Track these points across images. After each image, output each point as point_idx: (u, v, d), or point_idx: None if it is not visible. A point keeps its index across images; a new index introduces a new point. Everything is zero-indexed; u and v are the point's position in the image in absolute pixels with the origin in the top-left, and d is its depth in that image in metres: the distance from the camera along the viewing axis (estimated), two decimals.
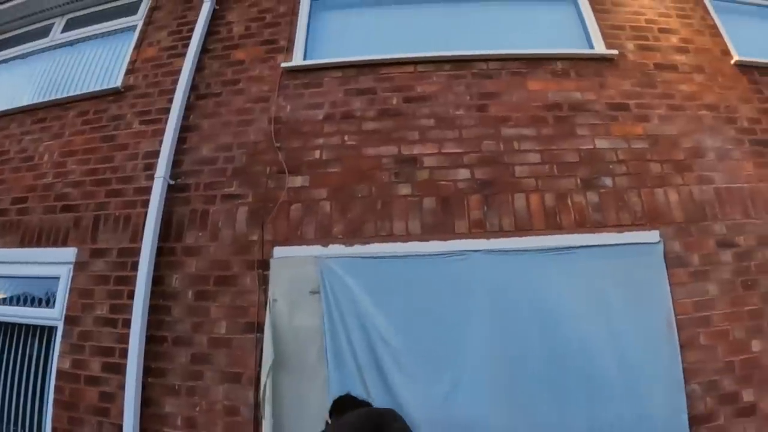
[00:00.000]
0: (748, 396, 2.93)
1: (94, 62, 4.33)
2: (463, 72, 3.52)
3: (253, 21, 3.97)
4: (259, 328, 2.92)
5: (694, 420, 2.82)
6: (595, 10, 3.87)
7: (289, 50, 3.77)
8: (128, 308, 3.03)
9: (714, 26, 4.03)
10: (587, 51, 3.67)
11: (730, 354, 2.97)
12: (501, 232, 3.08)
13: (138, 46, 4.12)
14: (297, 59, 3.70)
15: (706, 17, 4.08)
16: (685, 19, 4.01)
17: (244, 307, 3.02)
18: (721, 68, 3.82)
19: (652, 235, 3.14)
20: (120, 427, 2.82)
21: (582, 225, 3.13)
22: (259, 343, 2.89)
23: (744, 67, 3.86)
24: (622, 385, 2.83)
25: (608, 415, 2.78)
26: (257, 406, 2.79)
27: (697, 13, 4.08)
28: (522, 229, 3.10)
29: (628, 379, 2.84)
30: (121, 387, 2.89)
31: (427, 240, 3.06)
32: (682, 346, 2.95)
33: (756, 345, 3.02)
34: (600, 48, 3.67)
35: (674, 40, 3.86)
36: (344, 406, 2.48)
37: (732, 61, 3.85)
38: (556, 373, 2.85)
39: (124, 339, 2.97)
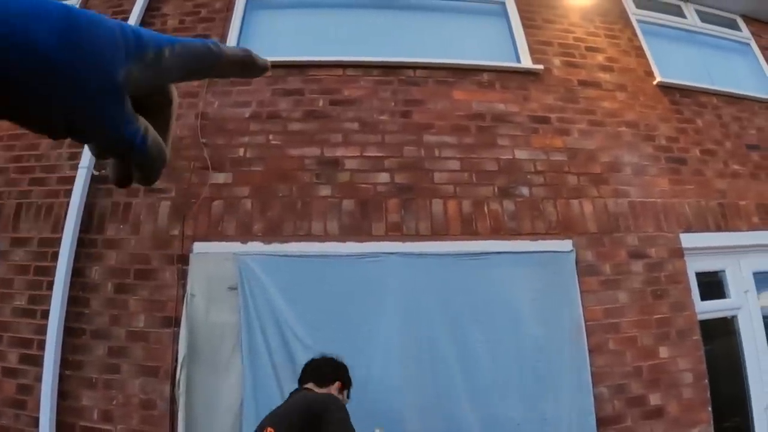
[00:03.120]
0: (655, 400, 3.13)
1: None
2: (391, 78, 3.66)
3: (188, 15, 4.02)
4: (177, 322, 2.96)
5: (602, 421, 3.00)
6: (525, 26, 4.09)
7: None
8: (47, 299, 3.02)
9: (640, 48, 4.31)
10: (514, 64, 3.87)
11: (639, 359, 3.17)
12: (417, 236, 3.21)
13: None
14: None
15: (633, 39, 4.35)
16: (612, 39, 4.27)
17: (163, 301, 3.05)
18: (644, 88, 4.07)
19: (565, 244, 3.32)
20: (36, 420, 2.80)
21: (497, 232, 3.29)
22: (177, 337, 2.92)
23: (666, 88, 4.13)
24: (531, 387, 2.99)
25: (516, 416, 2.92)
26: (173, 400, 2.83)
27: (625, 34, 4.35)
28: (438, 233, 3.23)
29: (536, 381, 3.00)
30: (39, 379, 2.87)
31: (345, 241, 3.16)
32: (591, 351, 3.13)
33: (664, 351, 3.24)
34: (527, 62, 3.88)
35: (600, 58, 4.10)
36: (313, 373, 2.29)
37: (654, 82, 4.12)
38: (465, 374, 2.98)
39: (42, 330, 2.96)
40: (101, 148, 0.32)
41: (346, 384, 2.30)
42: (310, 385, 2.22)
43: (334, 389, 2.20)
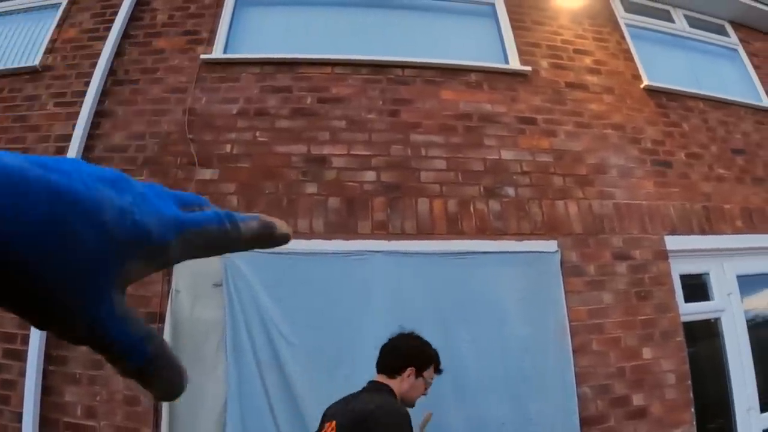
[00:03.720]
0: (638, 400, 3.17)
1: (14, 38, 4.24)
2: (379, 77, 3.69)
3: (178, 10, 4.02)
4: (162, 318, 2.96)
5: (585, 421, 3.03)
6: (513, 27, 4.13)
7: (210, 42, 3.84)
8: None
9: (628, 51, 4.36)
10: (502, 65, 3.91)
11: (622, 360, 3.20)
12: (403, 235, 3.23)
13: (60, 26, 4.07)
14: (217, 52, 3.77)
15: (621, 42, 4.40)
16: (600, 42, 4.31)
17: (148, 297, 3.04)
18: (631, 91, 4.12)
19: (550, 245, 3.35)
20: (20, 416, 2.79)
21: (483, 232, 3.31)
22: (161, 333, 2.92)
23: (653, 92, 4.18)
24: (516, 387, 3.01)
25: (499, 415, 2.94)
26: None
27: (613, 37, 4.40)
28: (424, 232, 3.26)
29: (521, 380, 3.03)
30: (22, 374, 2.87)
31: (330, 239, 3.18)
32: (574, 351, 3.16)
33: (647, 352, 3.28)
34: (515, 63, 3.92)
35: (588, 61, 4.14)
36: (383, 362, 2.11)
37: (642, 85, 4.17)
38: (450, 373, 2.97)
39: (26, 325, 2.90)
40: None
41: (423, 365, 2.10)
42: (381, 378, 2.07)
43: (406, 377, 2.04)
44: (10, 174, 0.22)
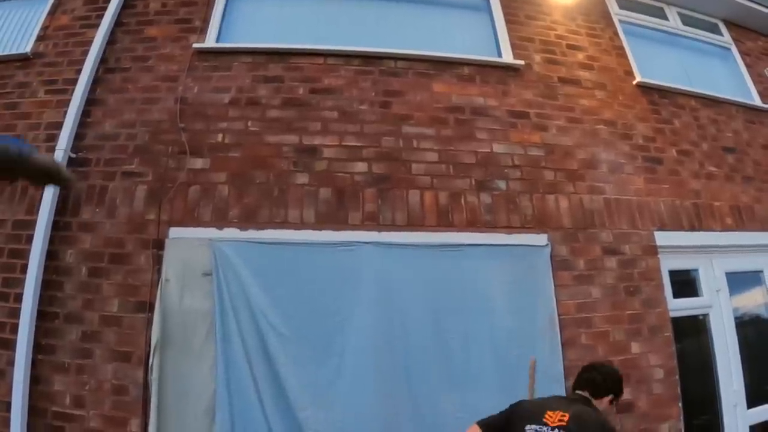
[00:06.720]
0: (625, 394, 3.16)
1: (5, 25, 4.23)
2: (371, 68, 3.75)
3: None
4: (151, 307, 3.00)
5: None
6: (507, 21, 4.20)
7: (202, 31, 3.87)
8: (21, 282, 3.03)
9: (621, 47, 4.44)
10: (495, 59, 3.98)
11: (610, 354, 3.26)
12: (393, 226, 3.29)
13: (52, 13, 4.08)
14: (210, 41, 3.81)
15: (614, 38, 4.49)
16: (594, 38, 4.39)
17: (137, 286, 3.09)
18: (623, 87, 4.21)
19: (540, 239, 3.42)
20: (8, 405, 2.82)
21: (473, 224, 3.38)
22: (150, 322, 2.96)
23: (645, 88, 4.27)
24: (504, 378, 3.07)
25: (487, 406, 2.97)
26: (146, 386, 2.87)
27: (607, 33, 4.49)
28: (414, 224, 3.32)
29: (509, 372, 3.08)
30: (11, 363, 2.89)
31: (320, 229, 3.23)
32: (563, 344, 3.25)
33: (635, 347, 3.36)
34: (508, 57, 3.99)
35: (581, 56, 4.22)
36: (593, 383, 2.44)
37: (634, 82, 4.26)
38: (439, 364, 3.07)
39: (16, 314, 2.97)
40: None
41: (617, 396, 2.47)
42: (586, 394, 2.40)
43: (605, 402, 2.40)
44: None
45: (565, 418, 2.14)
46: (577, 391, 2.45)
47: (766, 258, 4.02)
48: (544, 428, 2.14)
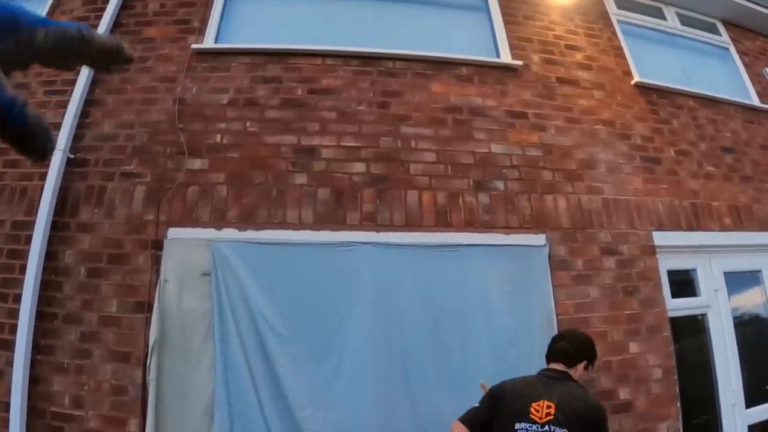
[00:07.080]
0: (624, 394, 3.26)
1: None
2: (370, 69, 3.76)
3: None
4: (150, 308, 3.00)
5: None
6: (506, 21, 4.22)
7: (201, 32, 3.88)
8: (20, 283, 3.04)
9: (619, 47, 4.46)
10: (493, 59, 4.00)
11: (608, 354, 3.28)
12: (391, 227, 3.30)
13: (51, 13, 4.07)
14: (208, 42, 3.82)
15: (612, 38, 4.50)
16: (592, 38, 4.41)
17: (135, 287, 3.10)
18: (621, 87, 4.22)
19: (539, 239, 3.43)
20: (7, 405, 2.82)
21: (471, 224, 3.40)
22: (149, 323, 2.97)
23: (643, 89, 4.29)
24: (502, 378, 3.00)
25: None
26: (145, 386, 2.87)
27: (605, 33, 4.50)
28: (412, 224, 3.33)
29: (507, 371, 3.04)
30: (10, 364, 2.89)
31: (319, 229, 3.24)
32: None
33: (633, 347, 3.37)
34: (506, 58, 4.00)
35: (579, 56, 4.24)
36: (562, 353, 2.48)
37: (632, 82, 4.28)
38: (437, 364, 3.07)
39: (14, 314, 2.98)
40: None
41: (592, 361, 2.49)
42: (560, 366, 2.41)
43: (580, 368, 2.43)
44: None
45: (552, 410, 2.15)
46: (552, 365, 2.46)
47: (764, 258, 4.03)
48: (534, 426, 2.15)
